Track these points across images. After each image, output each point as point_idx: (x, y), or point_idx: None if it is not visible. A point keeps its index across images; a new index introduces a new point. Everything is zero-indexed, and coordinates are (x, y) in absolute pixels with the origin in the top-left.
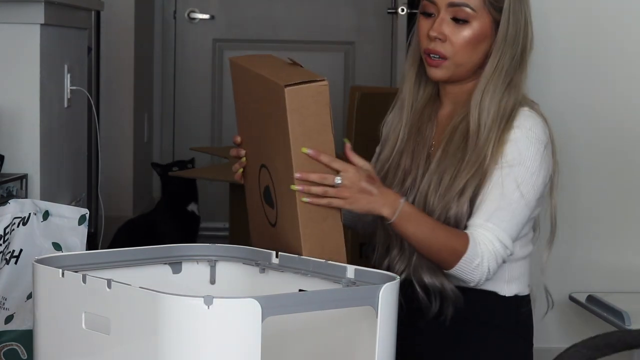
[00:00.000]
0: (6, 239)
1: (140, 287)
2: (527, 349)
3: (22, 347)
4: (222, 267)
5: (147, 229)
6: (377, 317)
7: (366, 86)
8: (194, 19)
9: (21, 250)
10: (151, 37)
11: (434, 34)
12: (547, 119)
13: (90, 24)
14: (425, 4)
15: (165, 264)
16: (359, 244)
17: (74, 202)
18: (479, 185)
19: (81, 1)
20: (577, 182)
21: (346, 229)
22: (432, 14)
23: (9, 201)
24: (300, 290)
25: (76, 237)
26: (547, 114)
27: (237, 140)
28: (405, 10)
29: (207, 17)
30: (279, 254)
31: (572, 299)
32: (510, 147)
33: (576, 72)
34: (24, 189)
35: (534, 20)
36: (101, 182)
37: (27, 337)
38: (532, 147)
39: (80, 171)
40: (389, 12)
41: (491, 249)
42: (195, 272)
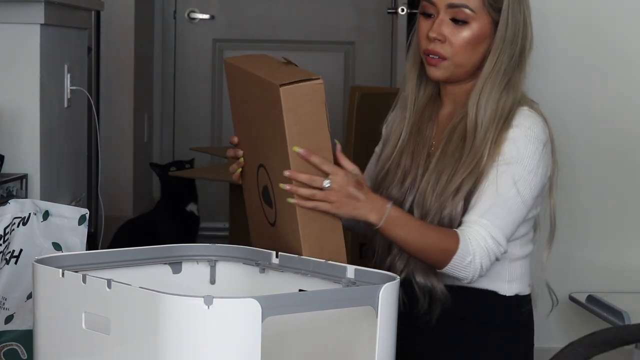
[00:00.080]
0: (6, 239)
1: (140, 287)
2: (528, 349)
3: (22, 347)
4: (222, 267)
5: (147, 229)
6: (377, 317)
7: (366, 86)
8: (194, 19)
9: (21, 250)
10: (151, 37)
11: (434, 35)
12: (547, 119)
13: (90, 24)
14: (424, 4)
15: (165, 264)
16: (359, 244)
17: (74, 202)
18: (474, 184)
19: (81, 1)
20: (577, 182)
21: (346, 229)
22: (431, 15)
23: (9, 201)
24: (300, 290)
25: (76, 237)
26: (547, 114)
27: (234, 140)
28: (405, 10)
29: (207, 17)
30: (279, 254)
31: (572, 299)
32: (508, 145)
33: (576, 73)
34: (24, 189)
35: (533, 20)
36: (101, 182)
37: (27, 337)
38: (530, 146)
39: (80, 171)
40: (389, 12)
41: (483, 245)
42: (195, 272)
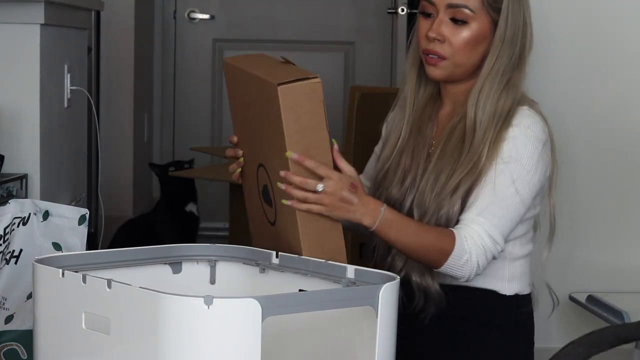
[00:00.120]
0: (6, 239)
1: (140, 287)
2: (528, 349)
3: (22, 347)
4: (222, 267)
5: (147, 229)
6: (377, 317)
7: (366, 86)
8: (194, 19)
9: (21, 250)
10: (151, 37)
11: (433, 34)
12: (547, 119)
13: (90, 24)
14: (424, 4)
15: (165, 264)
16: (359, 244)
17: (74, 202)
18: (472, 184)
19: (81, 1)
20: (577, 183)
21: (346, 229)
22: (431, 15)
23: (9, 201)
24: (300, 290)
25: (76, 237)
26: (547, 114)
27: (234, 140)
28: (405, 10)
29: (207, 17)
30: (279, 254)
31: (572, 299)
32: (507, 144)
33: (576, 73)
34: (24, 189)
35: (533, 20)
36: (101, 182)
37: (27, 337)
38: (529, 145)
39: (80, 171)
40: (389, 12)
41: (479, 243)
42: (195, 272)
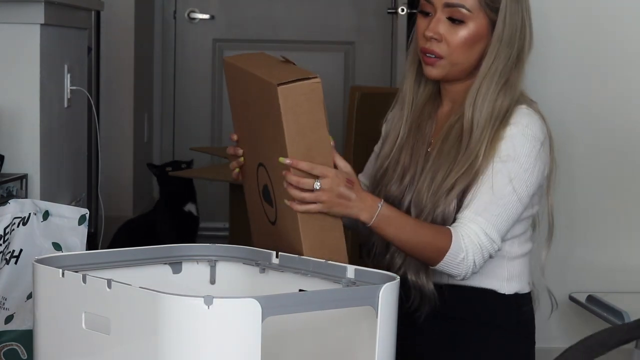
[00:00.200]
0: (6, 239)
1: (140, 287)
2: (529, 349)
3: (22, 347)
4: (222, 267)
5: (147, 229)
6: (377, 317)
7: (366, 86)
8: (194, 19)
9: (21, 250)
10: (151, 37)
11: (430, 33)
12: (546, 118)
13: (90, 24)
14: (422, 3)
15: (165, 264)
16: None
17: (74, 202)
18: (469, 183)
19: (81, 1)
20: (576, 182)
21: (346, 229)
22: (429, 14)
23: (9, 201)
24: (300, 290)
25: (76, 237)
26: (546, 114)
27: (234, 137)
28: (405, 10)
29: (207, 17)
30: (279, 254)
31: (572, 299)
32: (505, 143)
33: (576, 72)
34: (24, 189)
35: (533, 20)
36: (101, 182)
37: (27, 337)
38: (527, 144)
39: (80, 171)
40: (389, 12)
41: (476, 241)
42: (195, 272)
